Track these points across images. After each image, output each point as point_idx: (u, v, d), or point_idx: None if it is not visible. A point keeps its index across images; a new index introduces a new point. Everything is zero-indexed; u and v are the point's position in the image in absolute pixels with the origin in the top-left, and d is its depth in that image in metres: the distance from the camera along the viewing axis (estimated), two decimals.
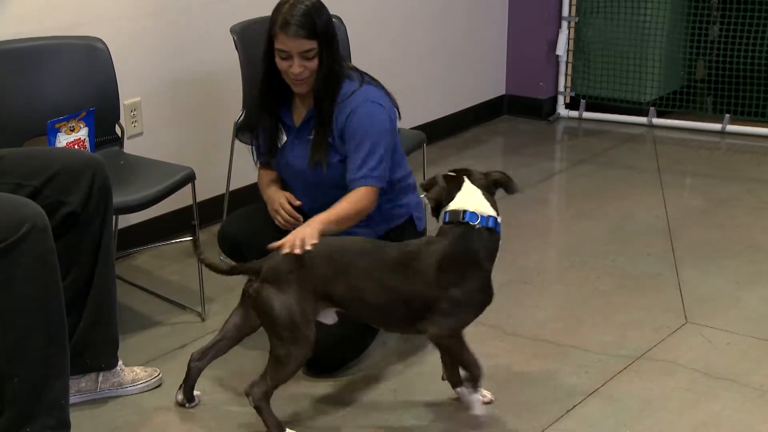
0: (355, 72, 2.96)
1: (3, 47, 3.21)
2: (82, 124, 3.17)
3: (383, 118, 2.90)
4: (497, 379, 2.94)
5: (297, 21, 2.79)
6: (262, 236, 2.92)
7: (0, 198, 2.42)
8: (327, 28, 2.84)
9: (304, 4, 2.81)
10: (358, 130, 2.86)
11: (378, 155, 2.86)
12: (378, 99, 2.91)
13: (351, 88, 2.89)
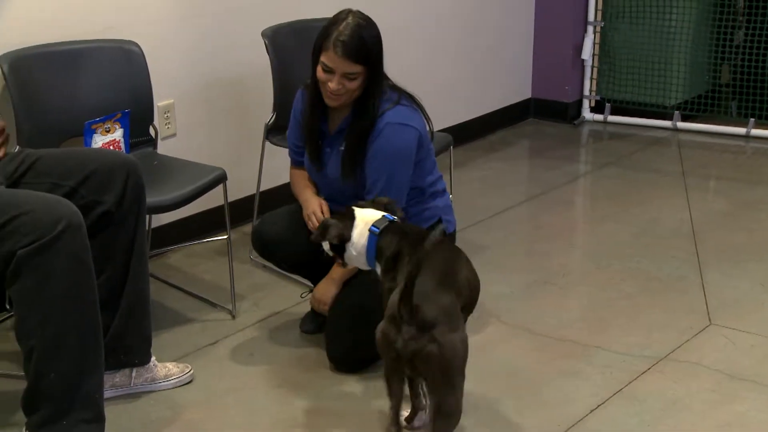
0: (393, 91, 2.92)
1: (42, 50, 3.23)
2: (117, 125, 3.19)
3: (408, 140, 2.88)
4: (521, 379, 2.93)
5: (349, 43, 2.76)
6: (294, 238, 2.96)
7: (37, 197, 2.43)
8: (376, 53, 2.82)
9: (359, 26, 2.78)
10: (380, 152, 2.86)
11: (399, 178, 2.88)
12: (406, 119, 2.88)
13: (383, 108, 2.87)
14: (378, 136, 2.85)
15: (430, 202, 3.04)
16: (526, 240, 4.14)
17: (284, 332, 3.20)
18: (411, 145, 2.89)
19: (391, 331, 2.32)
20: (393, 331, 2.32)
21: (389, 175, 2.86)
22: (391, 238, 2.58)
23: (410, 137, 2.88)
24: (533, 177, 4.96)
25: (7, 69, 3.10)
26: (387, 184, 2.86)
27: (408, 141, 2.88)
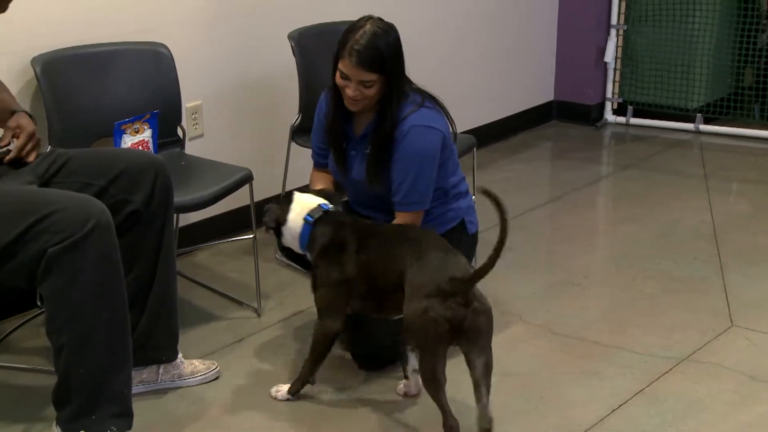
0: (416, 94, 2.91)
1: (74, 52, 3.25)
2: (146, 125, 3.21)
3: (433, 142, 2.87)
4: (543, 378, 2.92)
5: (363, 53, 2.75)
6: None
7: (67, 196, 2.45)
8: (393, 61, 2.80)
9: (375, 35, 2.77)
10: (405, 154, 2.85)
11: (423, 181, 2.87)
12: (430, 122, 2.87)
13: (406, 111, 2.86)
14: (403, 139, 2.85)
15: (453, 203, 3.03)
16: (548, 241, 4.13)
17: (309, 330, 3.19)
18: (435, 147, 2.89)
19: (435, 306, 2.39)
20: (440, 307, 2.39)
21: (414, 177, 2.86)
22: (325, 229, 2.68)
23: (434, 139, 2.88)
24: (555, 178, 4.94)
25: (40, 71, 3.12)
26: (412, 186, 2.87)
27: (432, 143, 2.88)
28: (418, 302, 2.43)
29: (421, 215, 2.93)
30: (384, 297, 2.66)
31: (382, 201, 2.95)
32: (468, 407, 2.58)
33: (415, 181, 2.87)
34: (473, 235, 3.12)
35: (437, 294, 2.41)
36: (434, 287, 2.41)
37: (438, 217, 2.99)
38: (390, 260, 2.60)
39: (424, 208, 2.92)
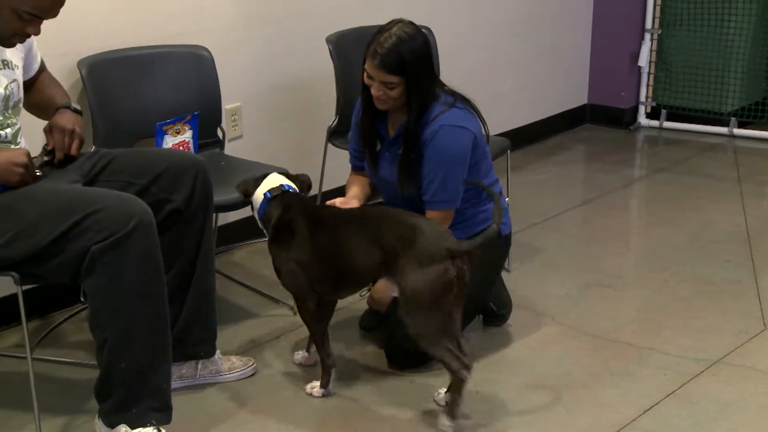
0: (447, 94, 2.91)
1: (118, 55, 3.28)
2: (187, 127, 3.22)
3: (463, 141, 2.86)
4: (575, 378, 2.90)
5: (385, 56, 2.76)
6: None
7: (110, 195, 2.47)
8: (415, 65, 2.80)
9: (399, 39, 2.77)
10: (435, 153, 2.85)
11: (452, 180, 2.87)
12: (461, 122, 2.86)
13: (437, 111, 2.86)
14: (433, 138, 2.84)
15: (485, 204, 3.02)
16: (581, 243, 4.10)
17: (343, 328, 3.21)
18: (465, 147, 2.88)
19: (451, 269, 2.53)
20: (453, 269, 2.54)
21: (444, 176, 2.86)
22: (275, 208, 2.75)
23: (465, 139, 2.87)
24: (589, 181, 4.91)
25: (85, 73, 3.15)
26: (441, 185, 2.86)
27: (462, 142, 2.87)
28: (435, 266, 2.53)
29: (451, 214, 2.92)
30: (341, 278, 2.73)
31: (414, 202, 2.95)
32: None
33: (445, 180, 2.86)
34: (506, 237, 3.11)
35: (447, 257, 2.54)
36: (444, 251, 2.54)
37: (470, 218, 2.99)
38: (357, 241, 2.66)
39: (453, 207, 2.91)
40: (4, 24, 2.40)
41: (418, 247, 2.56)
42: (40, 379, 2.74)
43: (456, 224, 2.95)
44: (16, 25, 2.41)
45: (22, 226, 2.39)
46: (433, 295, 2.54)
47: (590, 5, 5.47)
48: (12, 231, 2.39)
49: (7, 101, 2.55)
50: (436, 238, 2.58)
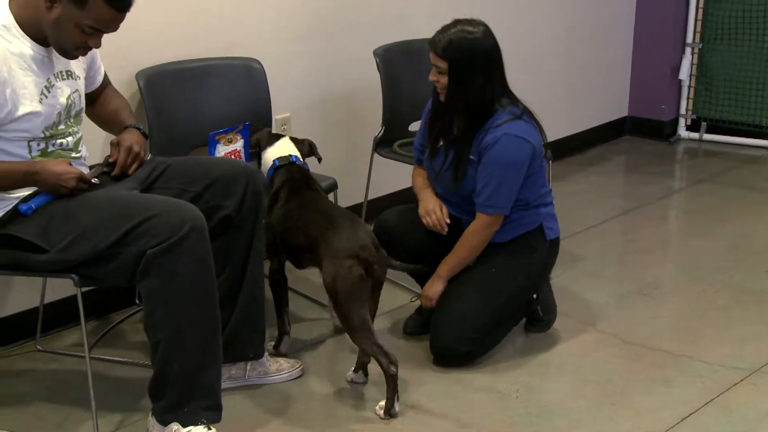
0: (514, 106, 2.93)
1: (174, 67, 3.31)
2: (238, 136, 3.25)
3: (522, 152, 2.89)
4: (614, 385, 2.88)
5: (438, 39, 2.88)
6: (414, 231, 3.06)
7: (165, 201, 2.50)
8: (462, 56, 2.84)
9: (457, 29, 2.87)
10: (494, 160, 2.87)
11: (506, 188, 2.89)
12: (523, 134, 2.89)
13: (502, 119, 2.88)
14: (495, 144, 2.86)
15: (535, 209, 3.03)
16: (620, 252, 4.06)
17: (388, 332, 3.21)
18: (524, 158, 2.90)
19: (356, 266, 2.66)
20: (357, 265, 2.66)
21: (499, 183, 2.87)
22: (280, 176, 2.97)
23: (524, 150, 2.89)
24: (628, 191, 4.87)
25: (143, 84, 3.19)
26: (495, 191, 2.88)
27: (522, 154, 2.89)
28: (341, 262, 2.67)
29: (500, 219, 2.94)
30: (298, 252, 2.91)
31: (466, 200, 2.97)
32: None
33: (499, 187, 2.87)
34: (552, 241, 3.10)
35: (355, 256, 2.66)
36: (352, 251, 2.67)
37: (515, 220, 2.99)
38: (302, 222, 2.85)
39: (503, 213, 2.93)
40: (67, 37, 2.44)
41: (331, 243, 2.72)
42: (98, 377, 2.77)
43: (501, 225, 2.98)
44: (78, 39, 2.45)
45: (82, 230, 2.42)
46: (342, 291, 2.67)
47: (632, 19, 5.43)
48: (72, 235, 2.42)
49: (69, 110, 2.59)
50: (350, 238, 2.71)
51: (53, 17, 2.41)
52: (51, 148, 2.55)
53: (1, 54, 2.40)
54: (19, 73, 2.43)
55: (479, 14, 3.09)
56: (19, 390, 2.88)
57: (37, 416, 2.74)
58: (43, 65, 2.50)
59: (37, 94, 2.47)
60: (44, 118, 2.49)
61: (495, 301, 2.97)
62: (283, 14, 3.71)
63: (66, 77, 2.58)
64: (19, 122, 2.44)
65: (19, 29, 2.45)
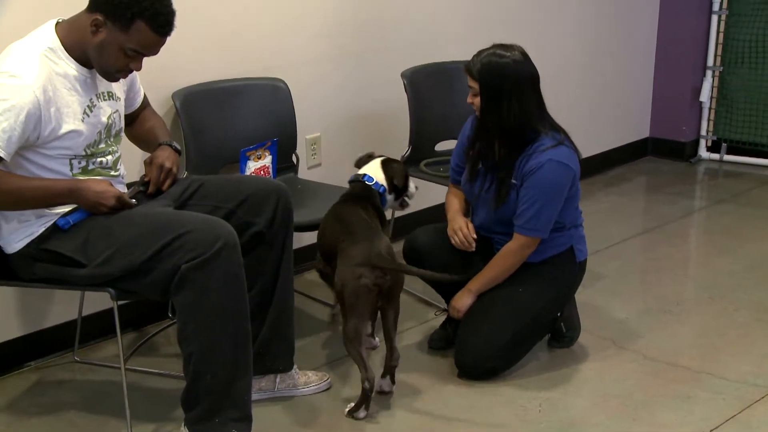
0: (555, 132, 2.94)
1: (208, 87, 3.34)
2: (267, 152, 3.27)
3: (564, 178, 2.90)
4: (635, 400, 2.85)
5: (473, 62, 2.89)
6: (443, 249, 3.07)
7: (199, 218, 2.51)
8: (492, 84, 2.85)
9: (491, 52, 2.88)
10: (537, 184, 2.87)
11: (547, 212, 2.90)
12: (566, 159, 2.90)
13: (546, 144, 2.89)
14: (539, 169, 2.86)
15: (566, 232, 3.03)
16: (641, 270, 4.04)
17: (414, 346, 3.21)
18: (565, 183, 2.91)
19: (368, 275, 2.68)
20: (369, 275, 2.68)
21: (541, 207, 2.88)
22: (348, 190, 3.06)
23: (567, 176, 2.90)
24: (649, 211, 4.84)
25: (179, 104, 3.22)
26: (536, 214, 2.88)
27: (564, 179, 2.90)
28: (352, 270, 2.69)
29: (537, 242, 2.95)
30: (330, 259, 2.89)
31: (504, 224, 2.97)
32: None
33: (541, 211, 2.88)
34: (581, 263, 3.10)
35: (367, 264, 2.68)
36: (365, 259, 2.69)
37: (548, 241, 2.99)
38: (329, 230, 2.91)
39: (541, 237, 2.94)
40: (111, 60, 2.48)
41: (347, 251, 2.74)
42: (133, 387, 2.78)
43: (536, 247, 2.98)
44: (121, 62, 2.48)
45: (119, 245, 2.45)
46: (347, 298, 2.69)
47: (653, 43, 5.41)
48: (110, 250, 2.45)
49: (109, 130, 2.62)
50: (365, 247, 2.72)
51: (98, 41, 2.44)
52: (91, 166, 2.58)
53: (47, 74, 2.43)
54: (63, 92, 2.47)
55: (503, 37, 3.09)
56: (57, 399, 2.91)
57: (74, 425, 2.76)
58: (87, 86, 2.54)
59: (80, 113, 2.51)
60: (86, 136, 2.52)
61: (520, 320, 2.96)
62: (314, 38, 3.74)
63: (107, 98, 2.61)
64: (62, 140, 2.47)
65: (64, 52, 2.49)
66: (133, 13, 2.40)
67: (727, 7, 5.25)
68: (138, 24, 2.42)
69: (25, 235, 2.53)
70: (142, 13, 2.40)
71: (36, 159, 2.47)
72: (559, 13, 4.80)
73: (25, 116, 2.37)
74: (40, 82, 2.40)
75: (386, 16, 3.96)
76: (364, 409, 2.75)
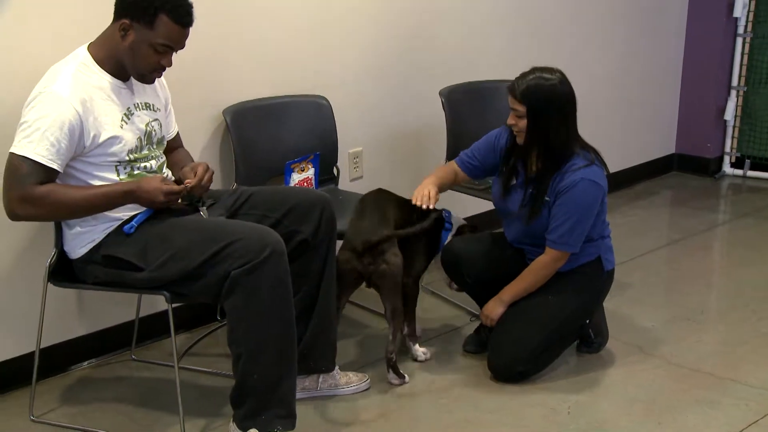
0: (586, 151, 2.93)
1: (256, 104, 3.37)
2: (310, 165, 3.29)
3: (596, 196, 2.89)
4: (660, 405, 2.82)
5: (517, 84, 2.86)
6: (479, 259, 3.07)
7: (249, 227, 2.53)
8: (540, 100, 2.83)
9: (536, 76, 2.85)
10: (571, 201, 2.86)
11: (580, 228, 2.89)
12: (598, 179, 2.89)
13: (579, 164, 2.88)
14: (573, 187, 2.85)
15: (594, 243, 3.02)
16: (666, 280, 4.00)
17: (448, 350, 3.20)
18: (597, 201, 2.91)
19: (352, 258, 2.83)
20: (354, 259, 2.83)
21: (574, 223, 2.87)
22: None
23: (598, 194, 2.90)
24: (674, 224, 4.79)
25: (230, 120, 3.25)
26: (569, 230, 2.88)
27: (596, 197, 2.90)
28: (342, 253, 2.85)
29: (568, 255, 2.94)
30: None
31: (536, 237, 2.96)
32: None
33: (574, 227, 2.87)
34: (609, 272, 3.08)
35: (353, 250, 2.82)
36: (352, 243, 2.84)
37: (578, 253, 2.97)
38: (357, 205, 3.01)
39: (573, 251, 2.93)
40: (143, 59, 2.51)
41: (347, 232, 2.89)
42: (185, 385, 2.80)
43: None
44: (153, 59, 2.51)
45: (175, 251, 2.47)
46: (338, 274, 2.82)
47: (680, 63, 5.36)
48: (166, 255, 2.48)
49: (150, 136, 2.64)
50: (360, 231, 2.85)
51: (128, 44, 2.48)
52: (136, 171, 2.60)
53: (83, 87, 2.47)
54: (100, 102, 2.50)
55: (537, 58, 3.09)
56: (115, 395, 2.94)
57: (130, 418, 2.80)
58: (122, 96, 2.57)
59: (118, 120, 2.54)
60: (126, 142, 2.54)
61: (550, 327, 2.95)
62: (356, 59, 3.75)
63: (145, 108, 2.64)
64: (104, 146, 2.50)
65: (96, 65, 2.53)
66: (156, 8, 2.44)
67: (752, 30, 5.20)
68: (161, 18, 2.45)
69: (88, 241, 2.57)
70: (163, 6, 2.44)
71: (84, 168, 2.51)
72: (590, 36, 4.78)
73: (68, 128, 2.40)
74: (77, 95, 2.44)
75: (424, 38, 3.97)
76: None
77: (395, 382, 2.94)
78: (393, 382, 2.94)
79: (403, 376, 2.94)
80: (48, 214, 2.50)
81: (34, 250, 2.87)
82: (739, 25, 5.21)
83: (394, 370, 2.93)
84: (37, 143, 2.38)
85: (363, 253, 2.83)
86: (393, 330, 2.91)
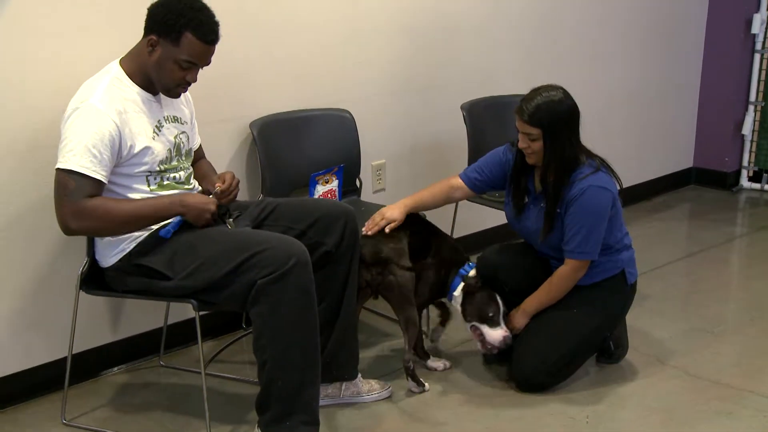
0: (591, 159, 2.92)
1: (281, 117, 3.38)
2: (333, 177, 3.30)
3: (605, 201, 2.87)
4: (678, 415, 2.80)
5: (527, 109, 2.81)
6: (513, 269, 3.04)
7: (274, 237, 2.54)
8: (554, 121, 2.81)
9: (543, 97, 2.81)
10: (582, 210, 2.85)
11: (595, 235, 2.87)
12: (605, 184, 2.88)
13: (585, 172, 2.87)
14: (581, 196, 2.84)
15: (616, 255, 2.99)
16: (683, 292, 3.96)
17: (470, 360, 3.19)
18: (607, 206, 2.88)
19: (361, 269, 2.83)
20: (363, 269, 2.84)
21: (588, 231, 2.86)
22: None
23: (607, 199, 2.88)
24: (692, 236, 4.75)
25: (257, 132, 3.26)
26: (585, 239, 2.86)
27: (605, 202, 2.88)
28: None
29: (587, 264, 2.92)
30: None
31: (553, 248, 2.96)
32: None
33: (588, 234, 2.86)
34: (632, 285, 3.07)
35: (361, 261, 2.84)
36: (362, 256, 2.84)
37: (599, 265, 2.96)
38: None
39: (591, 259, 2.91)
40: (168, 74, 2.53)
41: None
42: (212, 391, 2.82)
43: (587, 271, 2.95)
44: (177, 74, 2.53)
45: (203, 260, 2.49)
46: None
47: (698, 78, 5.34)
48: (194, 265, 2.49)
49: (179, 148, 2.67)
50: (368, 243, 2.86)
51: (155, 59, 2.51)
52: (166, 181, 2.62)
53: (118, 100, 2.50)
54: (133, 115, 2.53)
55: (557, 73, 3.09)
56: (144, 400, 2.96)
57: (158, 423, 2.81)
58: (153, 109, 2.60)
59: (150, 132, 2.57)
60: (158, 153, 2.57)
61: (572, 340, 2.94)
62: (380, 74, 3.77)
63: (173, 120, 2.67)
64: (138, 156, 2.53)
65: (128, 79, 2.56)
66: (181, 26, 2.46)
67: None
68: (186, 35, 2.47)
69: (119, 250, 2.59)
70: (188, 24, 2.47)
71: (118, 180, 2.53)
72: (609, 52, 4.76)
73: (108, 140, 2.43)
74: (113, 107, 2.47)
75: (445, 54, 3.98)
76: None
77: (415, 390, 2.93)
78: (413, 390, 2.94)
79: (423, 384, 2.94)
80: (100, 227, 2.50)
81: (66, 259, 2.89)
82: (757, 41, 5.18)
83: (413, 378, 2.93)
84: (81, 156, 2.41)
85: (371, 264, 2.84)
86: (408, 339, 2.90)
